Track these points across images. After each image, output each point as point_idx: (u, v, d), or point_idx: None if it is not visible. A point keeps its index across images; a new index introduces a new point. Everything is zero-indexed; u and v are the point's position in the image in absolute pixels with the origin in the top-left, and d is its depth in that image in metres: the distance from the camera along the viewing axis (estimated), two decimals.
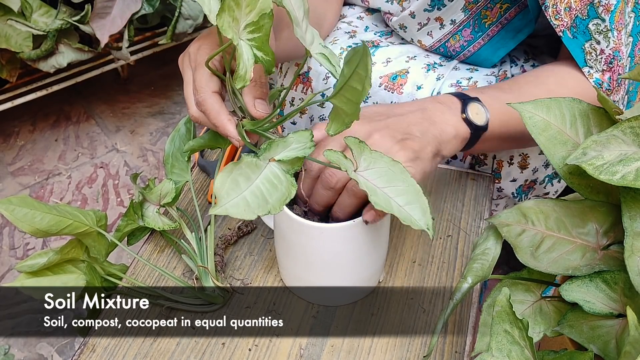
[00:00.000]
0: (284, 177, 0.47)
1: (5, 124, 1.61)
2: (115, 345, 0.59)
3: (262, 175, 0.47)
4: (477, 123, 0.63)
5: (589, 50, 0.68)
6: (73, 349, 1.13)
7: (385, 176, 0.49)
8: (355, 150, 0.49)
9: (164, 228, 0.64)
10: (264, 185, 0.46)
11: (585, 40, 0.68)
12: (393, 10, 0.85)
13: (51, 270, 0.61)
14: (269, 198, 0.45)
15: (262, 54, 0.50)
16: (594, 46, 0.67)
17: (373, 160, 0.49)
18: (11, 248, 1.31)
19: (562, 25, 0.67)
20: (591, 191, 0.54)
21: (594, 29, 0.67)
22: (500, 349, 0.46)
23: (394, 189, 0.48)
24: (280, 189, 0.46)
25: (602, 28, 0.66)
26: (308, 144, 0.49)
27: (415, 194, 0.48)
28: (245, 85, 0.49)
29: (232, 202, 0.44)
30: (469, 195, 0.73)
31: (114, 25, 1.29)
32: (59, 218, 0.58)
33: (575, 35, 0.68)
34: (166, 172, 0.65)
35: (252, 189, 0.46)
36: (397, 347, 0.59)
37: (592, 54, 0.68)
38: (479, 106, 0.64)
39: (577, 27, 0.67)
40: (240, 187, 0.45)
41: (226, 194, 0.44)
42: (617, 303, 0.49)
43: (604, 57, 0.68)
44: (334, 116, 0.50)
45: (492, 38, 0.79)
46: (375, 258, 0.60)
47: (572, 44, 0.68)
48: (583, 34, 0.67)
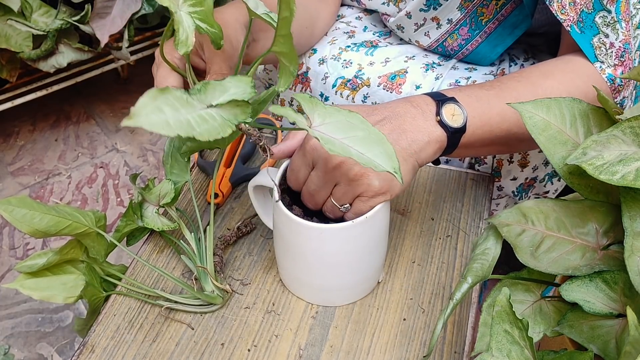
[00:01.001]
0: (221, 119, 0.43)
1: (5, 124, 1.61)
2: (114, 346, 0.59)
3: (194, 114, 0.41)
4: (453, 125, 0.59)
5: (597, 44, 0.66)
6: (73, 348, 1.13)
7: (344, 128, 0.45)
8: (307, 106, 0.45)
9: (163, 228, 0.64)
10: (194, 119, 0.41)
11: (594, 35, 0.65)
12: (390, 11, 0.85)
13: (50, 271, 0.61)
14: (196, 127, 0.40)
15: (207, 26, 0.49)
16: (603, 40, 0.65)
17: (328, 114, 0.45)
18: (11, 248, 1.31)
19: (569, 20, 0.65)
20: (591, 191, 0.54)
21: (600, 22, 0.65)
22: (500, 349, 0.46)
23: (353, 138, 0.45)
24: (211, 124, 0.41)
25: (609, 20, 0.64)
26: (248, 90, 0.45)
27: (379, 141, 0.45)
28: (188, 51, 0.48)
29: (150, 119, 0.38)
30: (469, 195, 0.73)
31: (114, 25, 1.29)
32: (58, 218, 0.57)
33: (583, 30, 0.65)
34: (166, 173, 0.65)
35: (178, 117, 0.40)
36: (396, 348, 0.59)
37: (602, 49, 0.66)
38: (455, 107, 0.60)
39: (583, 21, 0.65)
40: (164, 114, 0.39)
41: (145, 114, 0.38)
42: (617, 303, 0.49)
43: (614, 50, 0.66)
44: (280, 72, 0.49)
45: (490, 35, 0.79)
46: (374, 258, 0.60)
47: (581, 39, 0.66)
48: (590, 28, 0.65)
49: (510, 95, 0.63)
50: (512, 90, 0.64)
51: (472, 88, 0.65)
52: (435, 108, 0.59)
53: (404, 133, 0.57)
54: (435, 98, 0.60)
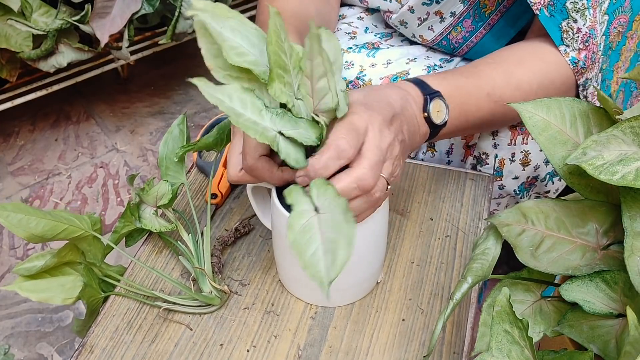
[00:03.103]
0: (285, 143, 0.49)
1: (5, 124, 1.61)
2: (113, 347, 0.59)
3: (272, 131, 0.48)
4: (437, 122, 0.61)
5: (565, 28, 0.68)
6: (73, 348, 1.13)
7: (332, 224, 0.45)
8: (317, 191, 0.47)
9: (161, 230, 0.64)
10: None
11: (563, 19, 0.67)
12: (392, 7, 0.85)
13: (49, 273, 0.61)
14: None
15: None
16: (571, 24, 0.67)
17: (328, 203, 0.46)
18: (11, 248, 1.31)
19: (539, 4, 0.67)
20: (591, 191, 0.54)
21: (571, 7, 0.66)
22: (500, 349, 0.46)
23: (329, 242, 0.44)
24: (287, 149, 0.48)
25: (579, 6, 0.66)
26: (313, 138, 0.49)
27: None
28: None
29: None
30: (468, 195, 0.73)
31: (114, 25, 1.29)
32: (54, 223, 0.57)
33: (553, 13, 0.67)
34: (161, 174, 0.65)
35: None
36: (395, 348, 0.58)
37: (569, 33, 0.68)
38: (441, 103, 0.62)
39: (554, 5, 0.67)
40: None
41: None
42: (617, 303, 0.49)
43: (581, 35, 0.67)
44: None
45: (493, 27, 0.79)
46: (373, 258, 0.60)
47: (549, 22, 0.68)
48: (560, 13, 0.67)
49: (487, 84, 0.67)
50: (488, 79, 0.67)
51: (453, 75, 0.66)
52: (423, 103, 0.61)
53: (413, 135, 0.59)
54: (422, 91, 0.62)
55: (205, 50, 0.47)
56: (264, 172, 0.54)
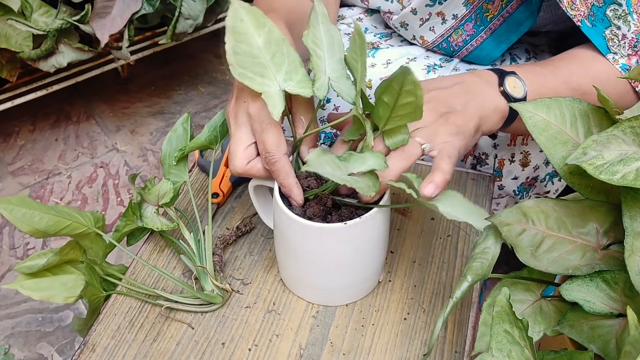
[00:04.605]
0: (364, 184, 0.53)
1: (5, 124, 1.61)
2: (114, 346, 0.59)
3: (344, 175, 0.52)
4: (515, 96, 0.62)
5: (610, 36, 0.67)
6: (73, 348, 1.13)
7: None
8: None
9: (162, 228, 0.64)
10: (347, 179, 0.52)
11: (605, 27, 0.67)
12: (393, 8, 0.85)
13: (50, 271, 0.61)
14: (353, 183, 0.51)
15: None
16: (615, 32, 0.66)
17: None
18: (11, 248, 1.32)
19: (580, 15, 0.67)
20: (591, 191, 0.54)
21: (612, 15, 0.66)
22: (500, 348, 0.46)
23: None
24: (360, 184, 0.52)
25: (620, 13, 0.65)
26: (382, 163, 0.53)
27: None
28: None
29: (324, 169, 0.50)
30: (469, 195, 0.73)
31: (114, 25, 1.29)
32: (58, 218, 0.57)
33: (594, 23, 0.67)
34: (164, 173, 0.65)
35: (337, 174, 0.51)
36: (396, 347, 0.59)
37: (615, 40, 0.67)
38: (516, 79, 0.64)
39: (594, 15, 0.66)
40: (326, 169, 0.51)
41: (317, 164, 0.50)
42: (617, 303, 0.49)
43: (627, 41, 0.67)
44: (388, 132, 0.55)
45: (495, 32, 0.79)
46: (375, 258, 0.60)
47: (592, 32, 0.67)
48: (602, 21, 0.66)
49: (563, 73, 0.67)
50: (565, 69, 0.67)
51: (528, 65, 0.68)
52: (498, 80, 0.63)
53: (474, 98, 0.60)
54: (496, 72, 0.64)
55: (230, 47, 0.53)
56: (283, 169, 0.56)
